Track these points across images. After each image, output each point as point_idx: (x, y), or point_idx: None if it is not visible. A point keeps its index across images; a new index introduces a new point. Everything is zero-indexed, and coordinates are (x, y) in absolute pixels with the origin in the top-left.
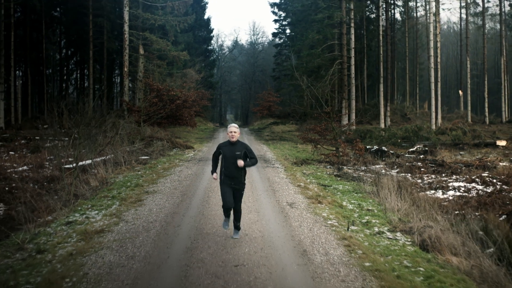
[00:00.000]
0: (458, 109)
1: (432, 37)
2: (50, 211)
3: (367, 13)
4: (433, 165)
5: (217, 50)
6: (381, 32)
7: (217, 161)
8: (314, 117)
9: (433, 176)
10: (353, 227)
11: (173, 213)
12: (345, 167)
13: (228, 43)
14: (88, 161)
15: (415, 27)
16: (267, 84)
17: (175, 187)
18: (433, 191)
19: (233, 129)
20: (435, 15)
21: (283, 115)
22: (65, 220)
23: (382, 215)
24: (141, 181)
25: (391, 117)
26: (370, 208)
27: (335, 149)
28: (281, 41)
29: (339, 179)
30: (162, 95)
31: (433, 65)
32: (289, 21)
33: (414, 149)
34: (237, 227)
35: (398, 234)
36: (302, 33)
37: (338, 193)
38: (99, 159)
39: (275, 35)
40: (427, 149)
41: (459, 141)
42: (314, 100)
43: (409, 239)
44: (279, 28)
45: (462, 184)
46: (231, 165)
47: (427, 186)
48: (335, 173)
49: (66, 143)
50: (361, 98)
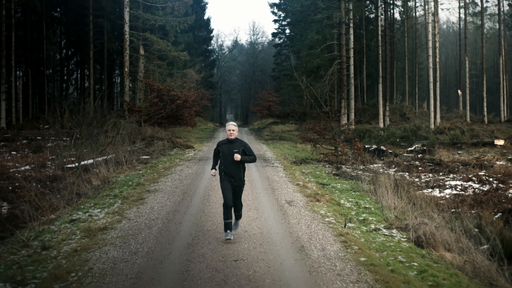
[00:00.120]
0: (457, 108)
1: (430, 37)
2: (53, 210)
3: (366, 13)
4: (430, 164)
5: (217, 50)
6: (380, 32)
7: (217, 158)
8: (313, 117)
9: (430, 175)
10: (350, 224)
11: (174, 211)
12: (344, 166)
13: (228, 43)
14: (90, 161)
15: (414, 27)
16: (267, 84)
17: (176, 186)
18: (430, 190)
19: (231, 127)
20: (434, 15)
21: (282, 115)
22: (68, 218)
23: (379, 212)
24: (142, 180)
25: (390, 116)
26: (367, 206)
27: (334, 148)
28: (280, 41)
29: (338, 178)
30: (162, 95)
31: (431, 65)
32: (288, 21)
33: (412, 148)
34: (238, 216)
35: (394, 231)
36: (301, 33)
37: (336, 191)
38: (101, 158)
39: (274, 35)
40: (426, 148)
41: (457, 140)
42: (313, 100)
43: (404, 236)
44: (279, 28)
45: (459, 182)
46: (230, 162)
47: (425, 184)
48: (334, 172)
49: (67, 143)
50: (360, 97)
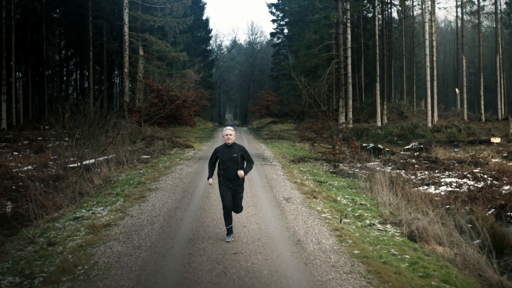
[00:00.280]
0: (455, 107)
1: (427, 36)
2: (57, 208)
3: (364, 13)
4: (426, 162)
5: (216, 50)
6: (377, 31)
7: (213, 167)
8: (311, 116)
9: (426, 172)
10: (345, 220)
11: (175, 208)
12: (341, 165)
13: (226, 43)
14: (91, 161)
15: (412, 26)
16: (266, 83)
17: (177, 184)
18: (425, 187)
19: (229, 131)
20: (431, 14)
21: (281, 114)
22: (72, 216)
23: (374, 209)
24: (143, 179)
25: (388, 115)
26: (363, 202)
27: (331, 147)
28: (279, 41)
29: (335, 175)
30: (162, 95)
31: (429, 63)
32: (286, 21)
33: (409, 146)
34: (237, 211)
35: (388, 226)
36: (299, 33)
37: (333, 189)
38: (102, 158)
39: (273, 35)
40: (423, 146)
41: (454, 138)
42: (311, 99)
43: (398, 231)
44: (277, 28)
45: (454, 180)
46: (229, 167)
47: (420, 182)
48: (331, 170)
49: (69, 143)
50: (358, 96)
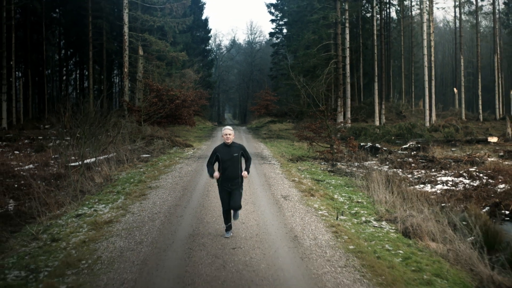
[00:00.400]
0: (453, 106)
1: (425, 36)
2: (59, 206)
3: (363, 12)
4: (423, 161)
5: (215, 49)
6: (375, 31)
7: (212, 167)
8: (310, 116)
9: (423, 171)
10: (342, 217)
11: (175, 205)
12: (339, 163)
13: (225, 42)
14: (92, 159)
15: (410, 26)
16: (265, 83)
17: (177, 183)
18: (422, 185)
19: (228, 131)
20: (429, 14)
21: (280, 113)
22: (74, 213)
23: (370, 206)
24: (143, 177)
25: (386, 115)
26: (359, 200)
27: (329, 146)
28: (278, 41)
29: (332, 174)
30: (161, 95)
31: (426, 63)
32: (285, 21)
33: (407, 146)
34: (236, 210)
35: (383, 223)
36: (298, 33)
37: (330, 187)
38: (102, 157)
39: (272, 34)
40: (420, 146)
41: (451, 138)
42: (309, 99)
43: (393, 227)
44: (276, 28)
45: (450, 178)
46: (230, 167)
47: (417, 180)
48: (329, 169)
49: (69, 142)
50: (357, 96)
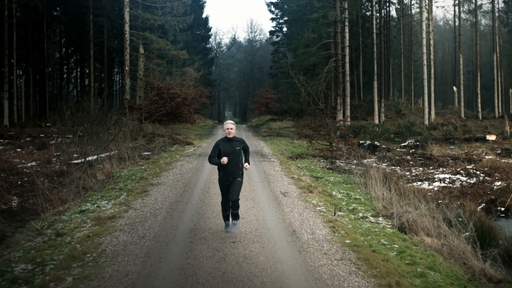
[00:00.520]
0: (453, 105)
1: (424, 34)
2: (62, 202)
3: (363, 11)
4: (421, 159)
5: (215, 48)
6: (375, 30)
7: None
8: (309, 114)
9: (420, 168)
10: (339, 213)
11: (176, 201)
12: (338, 161)
13: (226, 40)
14: (94, 157)
15: (410, 24)
16: (265, 81)
17: (178, 180)
18: (419, 183)
19: (230, 125)
20: (428, 12)
21: (280, 111)
22: (78, 209)
23: (368, 203)
24: (145, 174)
25: (385, 113)
26: (357, 197)
27: (328, 144)
28: (278, 39)
29: (331, 171)
30: (162, 93)
31: (425, 62)
32: (285, 19)
33: (406, 144)
34: (235, 215)
35: (380, 218)
36: (298, 32)
37: (329, 184)
38: (104, 154)
39: (272, 33)
40: (419, 143)
41: (450, 136)
42: (309, 97)
43: (389, 223)
44: (276, 26)
45: (447, 176)
46: (230, 160)
47: (414, 178)
48: (328, 167)
49: (71, 140)
50: (357, 94)
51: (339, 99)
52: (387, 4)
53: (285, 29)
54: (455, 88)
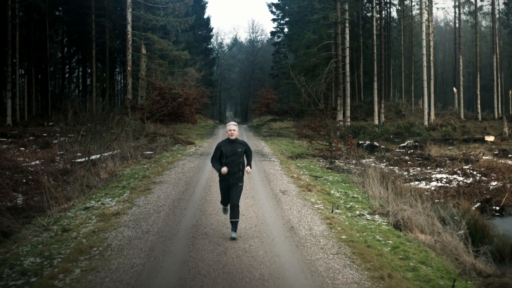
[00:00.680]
0: (453, 106)
1: (424, 36)
2: (67, 200)
3: (364, 12)
4: (419, 159)
5: (217, 48)
6: (375, 32)
7: (218, 162)
8: (309, 114)
9: (418, 168)
10: (337, 210)
11: (179, 199)
12: (337, 161)
13: (227, 41)
14: (97, 156)
15: (410, 25)
16: (266, 81)
17: (180, 178)
18: (417, 182)
19: (232, 127)
20: (428, 14)
21: (281, 112)
22: (82, 206)
23: (365, 201)
24: (147, 173)
25: (385, 113)
26: (355, 195)
27: (328, 144)
28: (279, 40)
29: (330, 171)
30: (164, 93)
31: (425, 63)
32: (287, 20)
33: (405, 144)
34: (234, 224)
35: (376, 216)
36: (299, 33)
37: (327, 183)
38: (107, 154)
39: (273, 33)
40: (418, 144)
41: (449, 136)
42: (309, 98)
43: (385, 220)
44: (277, 27)
45: (444, 175)
46: (232, 162)
47: (412, 177)
48: (327, 166)
49: (74, 139)
50: (357, 95)
51: (339, 99)
52: (388, 5)
53: (286, 30)
54: (455, 89)
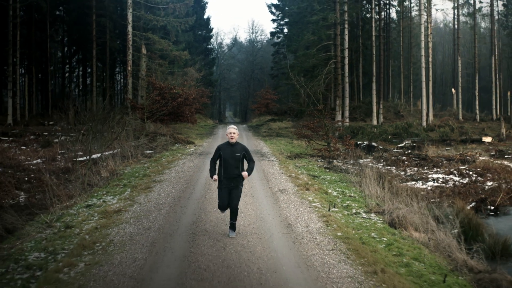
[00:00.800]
0: (452, 107)
1: (423, 37)
2: (69, 197)
3: (363, 13)
4: (416, 159)
5: (217, 48)
6: (374, 33)
7: (215, 165)
8: (308, 114)
9: (415, 169)
10: (334, 209)
11: (179, 197)
12: (335, 161)
13: (227, 41)
14: (98, 155)
15: (410, 26)
16: (265, 82)
17: (180, 177)
18: (413, 182)
19: (232, 130)
20: (427, 15)
21: (280, 112)
22: (84, 203)
23: (362, 200)
24: (148, 172)
25: (384, 114)
26: (352, 195)
27: (326, 144)
28: (279, 40)
29: (328, 171)
30: (164, 93)
31: (424, 64)
32: (286, 21)
33: (403, 145)
34: (233, 226)
35: (372, 215)
36: (298, 34)
37: (325, 182)
38: (108, 153)
39: (273, 34)
40: (415, 145)
41: (446, 137)
42: (307, 98)
43: (380, 219)
44: (277, 27)
45: (441, 176)
46: (231, 166)
47: (409, 177)
48: (325, 166)
49: (76, 138)
50: (356, 96)
51: (338, 100)
52: (387, 6)
53: (286, 30)
54: (453, 90)
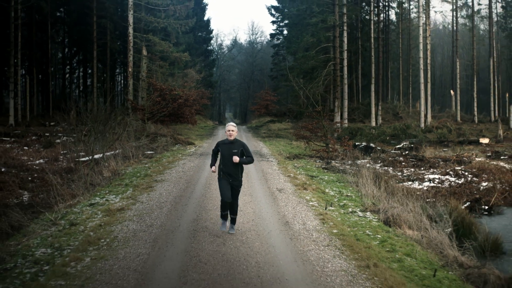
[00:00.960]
0: (451, 108)
1: (421, 39)
2: (72, 196)
3: (362, 15)
4: (413, 160)
5: (217, 49)
6: (373, 35)
7: (216, 156)
8: (307, 116)
9: (412, 169)
10: (330, 208)
11: (180, 196)
12: (333, 162)
13: (227, 42)
14: (99, 155)
15: (409, 28)
16: (265, 83)
17: (180, 177)
18: (410, 182)
19: (231, 127)
20: (426, 17)
21: (279, 113)
22: (88, 202)
23: (358, 200)
24: (149, 172)
25: (383, 115)
26: (349, 194)
27: (325, 145)
28: (278, 42)
29: (326, 171)
30: (165, 94)
31: (422, 66)
32: (286, 22)
33: (400, 146)
34: (233, 220)
35: (368, 213)
36: (297, 35)
37: (323, 182)
38: (109, 153)
39: (272, 36)
40: (413, 146)
41: (444, 138)
42: (306, 100)
43: (376, 217)
44: (277, 29)
45: (437, 176)
46: (229, 162)
47: (406, 178)
48: (323, 166)
49: (78, 139)
50: (355, 97)
51: (336, 102)
52: (387, 8)
53: (285, 32)
54: (452, 92)
